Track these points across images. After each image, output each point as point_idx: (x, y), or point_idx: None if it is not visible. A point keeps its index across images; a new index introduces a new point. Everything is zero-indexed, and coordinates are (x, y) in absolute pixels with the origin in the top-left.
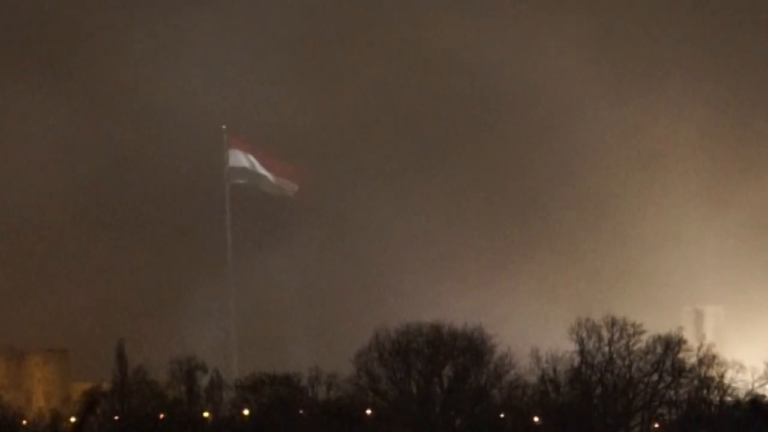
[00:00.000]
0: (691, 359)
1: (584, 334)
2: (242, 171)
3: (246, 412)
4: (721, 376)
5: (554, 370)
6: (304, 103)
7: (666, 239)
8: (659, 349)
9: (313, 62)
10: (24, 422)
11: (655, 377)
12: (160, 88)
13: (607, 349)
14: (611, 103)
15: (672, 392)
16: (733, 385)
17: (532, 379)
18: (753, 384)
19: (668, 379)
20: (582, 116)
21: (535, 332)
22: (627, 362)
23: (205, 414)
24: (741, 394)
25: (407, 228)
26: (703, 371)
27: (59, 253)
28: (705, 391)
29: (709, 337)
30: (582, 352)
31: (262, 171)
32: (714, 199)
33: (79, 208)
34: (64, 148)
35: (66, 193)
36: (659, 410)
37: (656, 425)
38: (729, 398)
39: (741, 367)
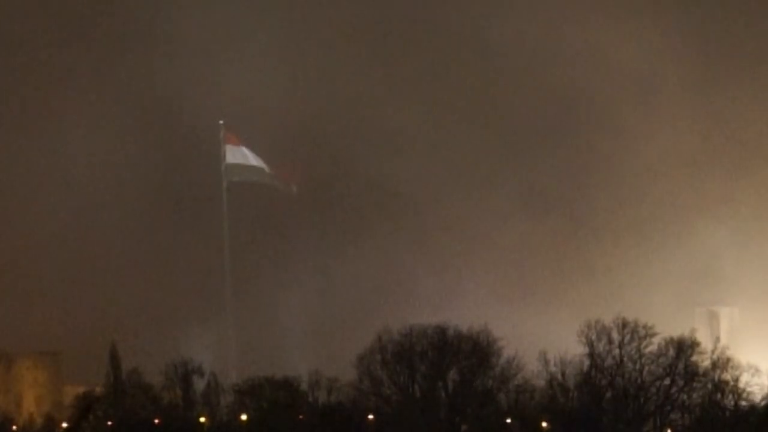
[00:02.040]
0: (705, 362)
1: (594, 337)
2: (240, 168)
3: (244, 417)
4: (736, 380)
5: (563, 374)
6: (305, 99)
7: (679, 239)
8: (672, 352)
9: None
10: (14, 428)
11: (667, 381)
12: (156, 82)
13: (617, 351)
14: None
15: (685, 396)
16: (749, 389)
17: (540, 383)
18: None
19: (681, 382)
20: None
21: (543, 335)
22: (638, 365)
23: (202, 419)
24: (756, 399)
25: (409, 228)
26: (717, 375)
27: (50, 252)
28: (719, 396)
29: (724, 340)
30: (591, 355)
31: (261, 166)
32: (728, 199)
33: (71, 208)
34: (58, 147)
35: (58, 193)
36: (672, 415)
37: (669, 431)
38: (744, 403)
39: (756, 371)
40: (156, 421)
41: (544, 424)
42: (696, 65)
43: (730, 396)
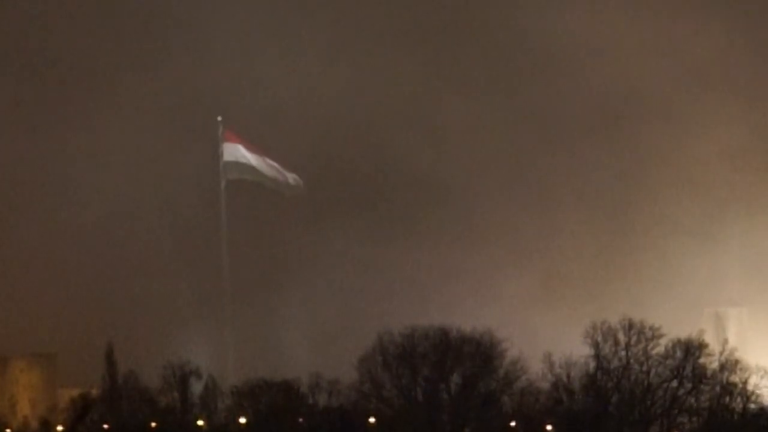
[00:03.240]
0: (713, 364)
1: (600, 338)
2: (238, 166)
3: (242, 420)
4: (745, 382)
5: (568, 376)
6: (305, 96)
7: (686, 238)
8: (679, 354)
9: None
10: (8, 431)
11: (674, 383)
12: (152, 78)
13: (623, 353)
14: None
15: (692, 399)
16: (757, 391)
17: (545, 385)
18: None
19: (688, 385)
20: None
21: (547, 336)
22: (645, 368)
23: (200, 422)
24: (765, 401)
25: (410, 228)
26: (725, 377)
27: (44, 252)
28: (727, 398)
29: (732, 341)
30: (597, 356)
31: (260, 165)
32: (738, 197)
33: (64, 208)
34: (51, 144)
35: (49, 194)
36: (679, 418)
37: None
38: (753, 405)
39: (765, 373)
40: (153, 424)
41: (548, 427)
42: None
43: (739, 399)
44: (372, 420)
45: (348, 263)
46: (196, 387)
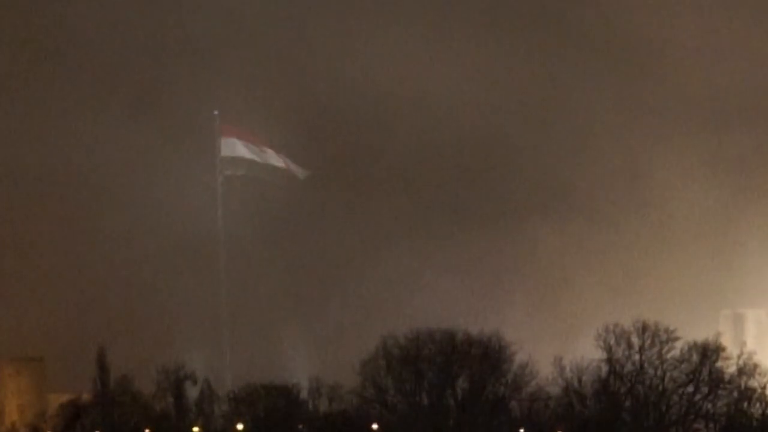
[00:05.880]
0: (731, 368)
1: (612, 341)
2: (236, 161)
3: (240, 426)
4: (763, 387)
5: (579, 381)
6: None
7: (702, 238)
8: (695, 358)
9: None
10: None
11: (690, 388)
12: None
13: (637, 357)
14: None
15: (709, 405)
16: None
17: (555, 390)
18: None
19: (705, 390)
20: None
21: (558, 339)
22: (659, 372)
23: (195, 428)
24: None
25: (416, 225)
26: (743, 381)
27: (34, 252)
28: (745, 404)
29: (750, 344)
30: (610, 360)
31: (258, 156)
32: (753, 196)
33: (56, 206)
34: (47, 141)
35: (41, 190)
36: (695, 424)
37: None
38: None
39: None
40: (147, 430)
41: None
42: None
43: (758, 404)
44: (375, 426)
45: (349, 263)
46: (192, 392)
